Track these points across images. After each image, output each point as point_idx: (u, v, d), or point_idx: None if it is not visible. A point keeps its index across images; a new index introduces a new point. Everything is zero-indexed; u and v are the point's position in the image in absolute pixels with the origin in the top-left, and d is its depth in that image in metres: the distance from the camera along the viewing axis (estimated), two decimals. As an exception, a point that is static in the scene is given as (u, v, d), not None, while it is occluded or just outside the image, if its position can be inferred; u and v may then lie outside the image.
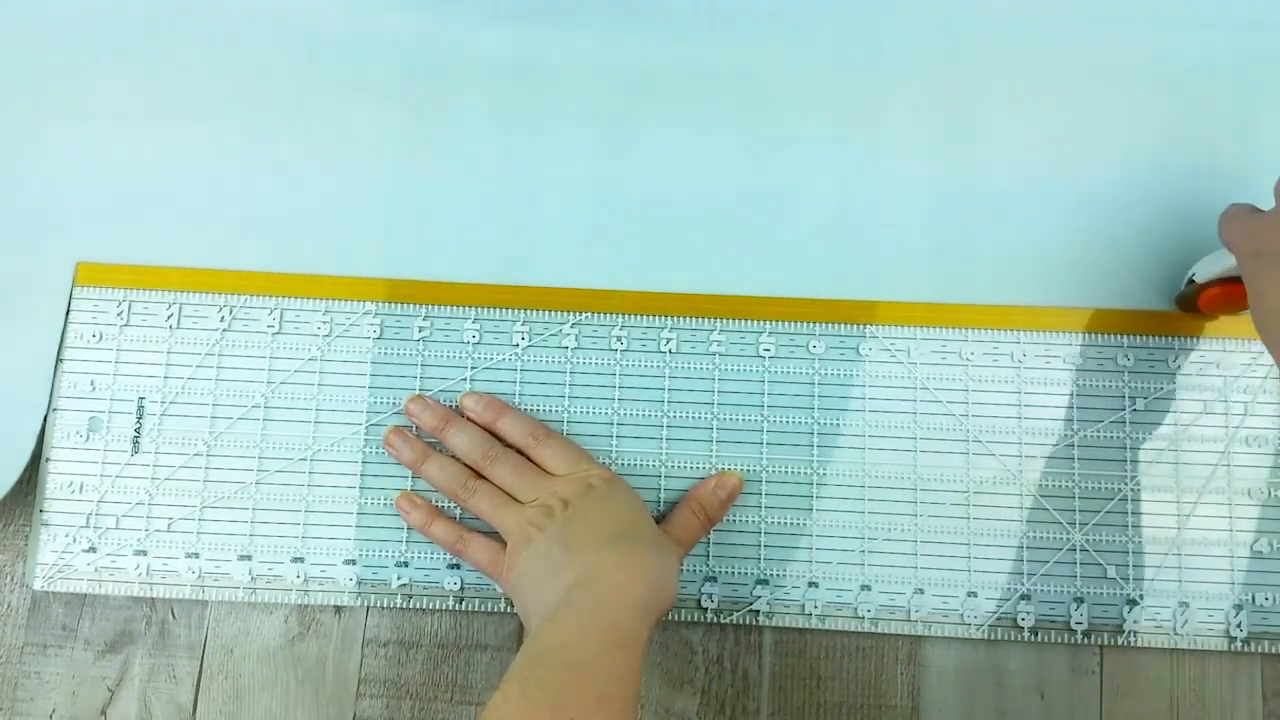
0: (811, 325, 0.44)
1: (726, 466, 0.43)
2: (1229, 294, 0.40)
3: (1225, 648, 0.41)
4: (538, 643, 0.35)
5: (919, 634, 0.42)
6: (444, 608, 0.43)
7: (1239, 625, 0.41)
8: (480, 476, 0.42)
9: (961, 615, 0.42)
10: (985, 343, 0.44)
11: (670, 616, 0.42)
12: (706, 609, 0.42)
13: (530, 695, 0.33)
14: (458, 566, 0.43)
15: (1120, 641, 0.42)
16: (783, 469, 0.43)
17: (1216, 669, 0.42)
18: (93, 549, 0.43)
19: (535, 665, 0.34)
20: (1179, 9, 0.47)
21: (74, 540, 0.43)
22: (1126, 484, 0.43)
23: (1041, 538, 0.42)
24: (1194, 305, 0.42)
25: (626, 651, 0.34)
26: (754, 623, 0.43)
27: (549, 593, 0.37)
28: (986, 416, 0.43)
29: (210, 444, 0.44)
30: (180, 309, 0.45)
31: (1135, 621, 0.42)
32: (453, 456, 0.43)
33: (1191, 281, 0.42)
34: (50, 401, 0.44)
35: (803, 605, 0.42)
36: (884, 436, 0.43)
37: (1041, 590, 0.42)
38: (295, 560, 0.43)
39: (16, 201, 0.46)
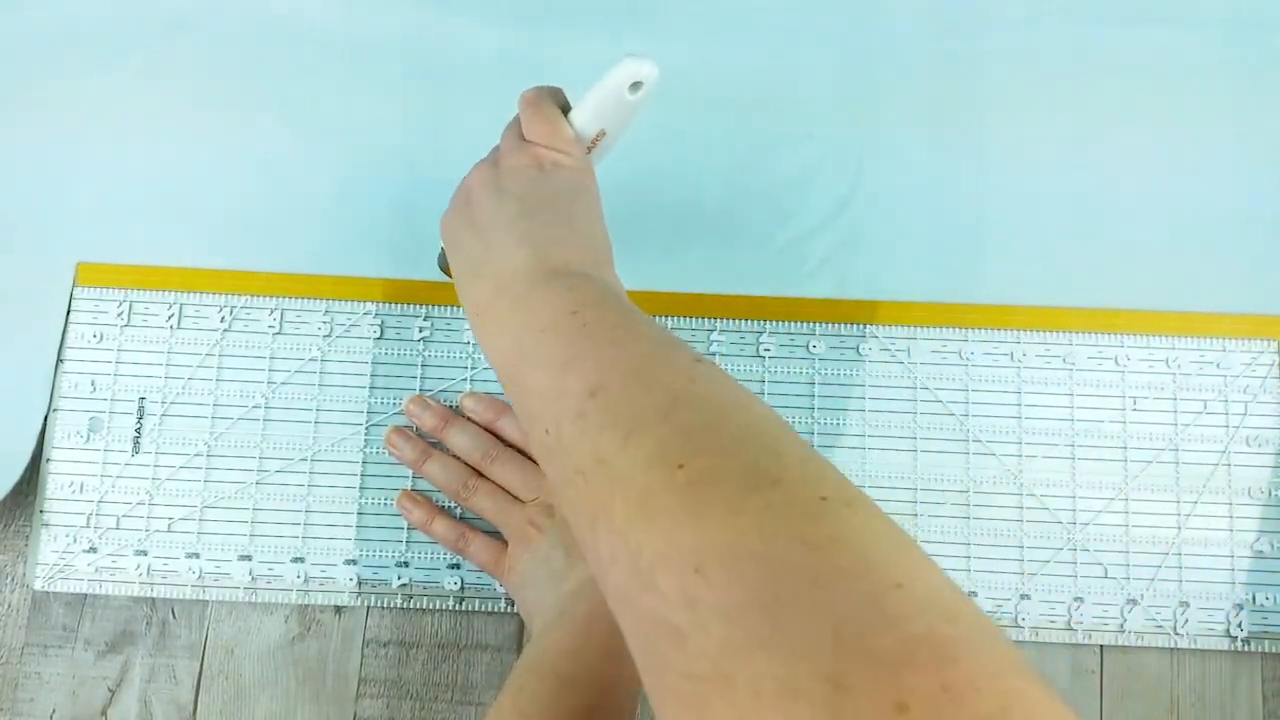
0: (811, 325, 0.44)
1: (726, 466, 0.43)
2: None
3: (1226, 647, 0.41)
4: (535, 650, 0.35)
5: (919, 634, 0.42)
6: (444, 608, 0.43)
7: (1239, 625, 0.41)
8: (481, 475, 0.42)
9: (961, 615, 0.42)
10: (985, 343, 0.44)
11: (670, 616, 0.42)
12: (706, 609, 0.42)
13: (522, 708, 0.33)
14: (458, 566, 0.43)
15: (1120, 641, 0.42)
16: (783, 469, 0.43)
17: (1217, 669, 0.42)
18: (93, 549, 0.43)
19: (529, 676, 0.34)
20: (1179, 9, 0.47)
21: (74, 540, 0.43)
22: (1126, 483, 0.43)
23: (1041, 538, 0.42)
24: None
25: (621, 662, 0.34)
26: (754, 623, 0.42)
27: (549, 597, 0.37)
28: (986, 416, 0.43)
29: (210, 444, 0.44)
30: (180, 309, 0.45)
31: (1135, 621, 0.42)
32: (454, 456, 0.43)
33: (444, 250, 0.40)
34: (51, 402, 0.44)
35: (803, 605, 0.42)
36: (884, 436, 0.43)
37: (1041, 590, 0.42)
38: (295, 560, 0.43)
39: (16, 201, 0.46)
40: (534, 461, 0.42)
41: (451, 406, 0.44)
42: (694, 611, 0.21)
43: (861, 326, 0.44)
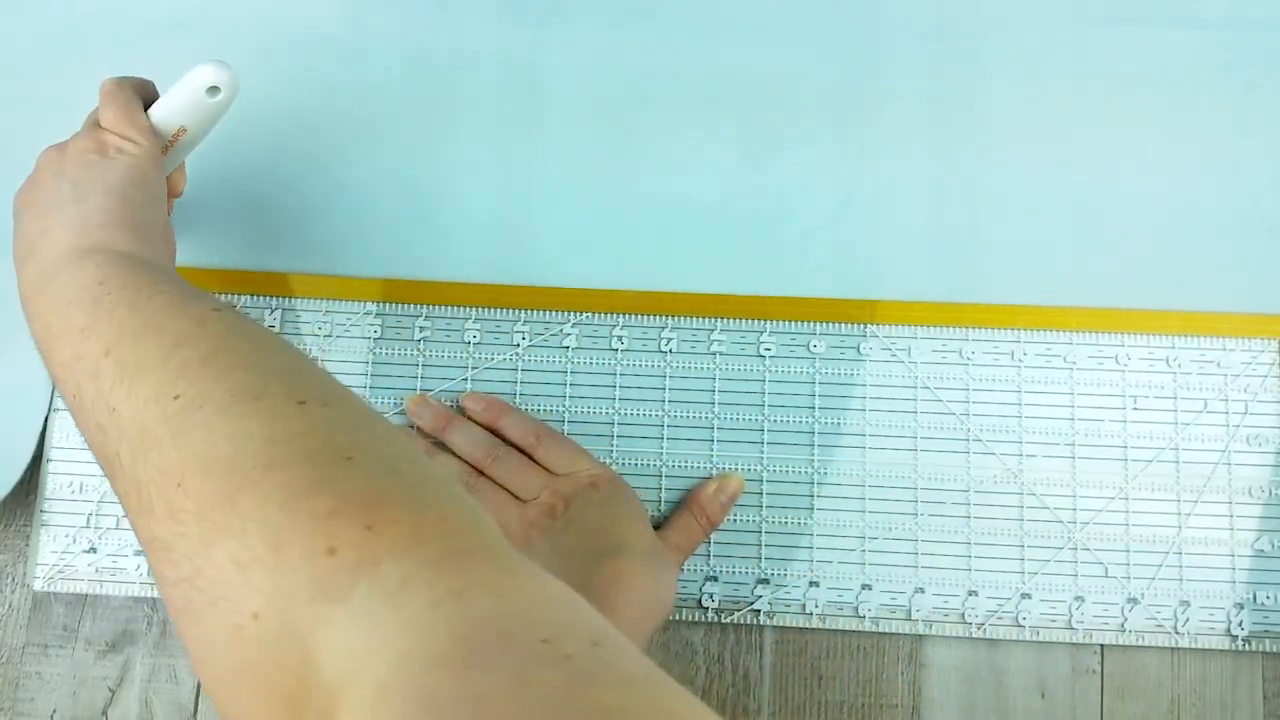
0: (811, 325, 0.44)
1: (726, 466, 0.43)
2: None
3: (1226, 647, 0.41)
4: None
5: (920, 633, 0.42)
6: (444, 608, 0.43)
7: (1240, 624, 0.41)
8: (482, 475, 0.42)
9: (962, 614, 0.42)
10: (985, 342, 0.44)
11: (672, 616, 0.42)
12: (707, 608, 0.42)
13: None
14: (458, 566, 0.43)
15: (1121, 641, 0.42)
16: (783, 469, 0.43)
17: (1218, 668, 0.42)
18: (93, 549, 0.43)
19: None
20: (1179, 9, 0.47)
21: (74, 540, 0.43)
22: (1127, 483, 0.43)
23: (1041, 537, 0.42)
24: None
25: None
26: (755, 622, 0.43)
27: None
28: (986, 416, 0.43)
29: (211, 444, 0.44)
30: (181, 309, 0.45)
31: (1136, 620, 0.42)
32: (455, 455, 0.43)
33: None
34: (51, 402, 0.44)
35: (803, 604, 0.42)
36: (884, 436, 0.43)
37: (1041, 590, 0.42)
38: (296, 560, 0.43)
39: (17, 202, 0.46)
40: (536, 462, 0.42)
41: (452, 407, 0.44)
42: (177, 522, 0.24)
43: (862, 326, 0.44)
